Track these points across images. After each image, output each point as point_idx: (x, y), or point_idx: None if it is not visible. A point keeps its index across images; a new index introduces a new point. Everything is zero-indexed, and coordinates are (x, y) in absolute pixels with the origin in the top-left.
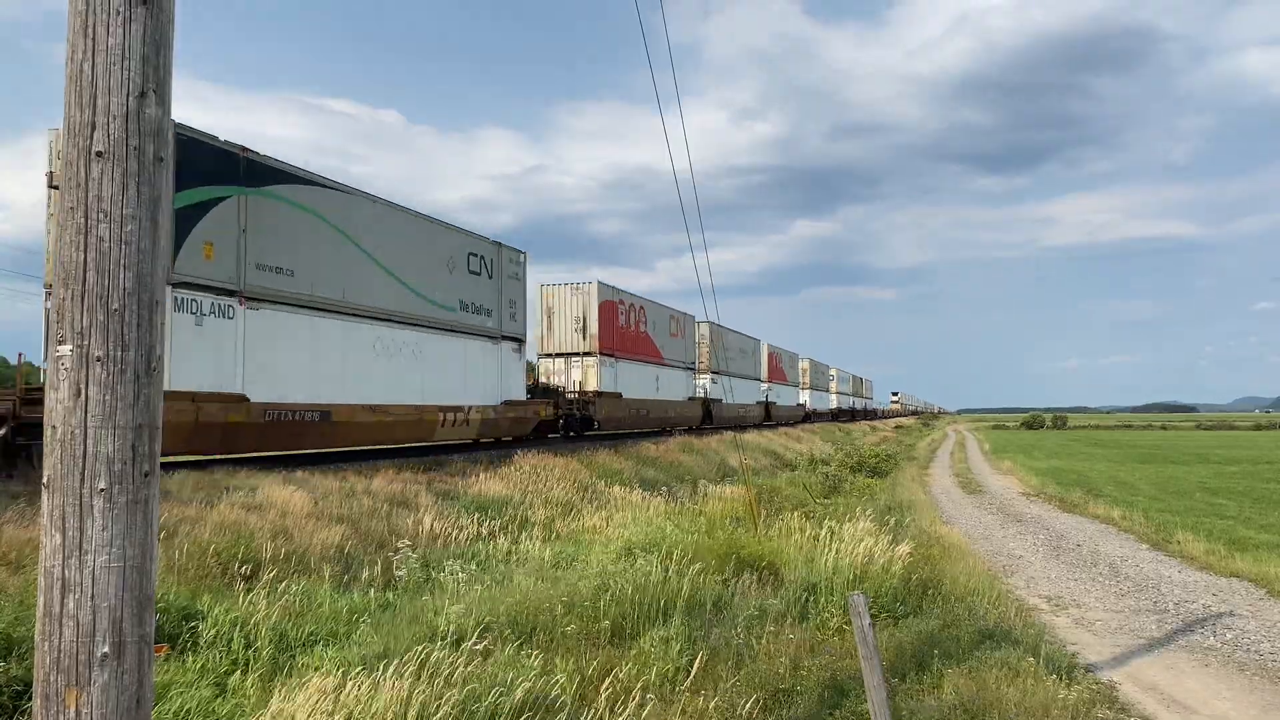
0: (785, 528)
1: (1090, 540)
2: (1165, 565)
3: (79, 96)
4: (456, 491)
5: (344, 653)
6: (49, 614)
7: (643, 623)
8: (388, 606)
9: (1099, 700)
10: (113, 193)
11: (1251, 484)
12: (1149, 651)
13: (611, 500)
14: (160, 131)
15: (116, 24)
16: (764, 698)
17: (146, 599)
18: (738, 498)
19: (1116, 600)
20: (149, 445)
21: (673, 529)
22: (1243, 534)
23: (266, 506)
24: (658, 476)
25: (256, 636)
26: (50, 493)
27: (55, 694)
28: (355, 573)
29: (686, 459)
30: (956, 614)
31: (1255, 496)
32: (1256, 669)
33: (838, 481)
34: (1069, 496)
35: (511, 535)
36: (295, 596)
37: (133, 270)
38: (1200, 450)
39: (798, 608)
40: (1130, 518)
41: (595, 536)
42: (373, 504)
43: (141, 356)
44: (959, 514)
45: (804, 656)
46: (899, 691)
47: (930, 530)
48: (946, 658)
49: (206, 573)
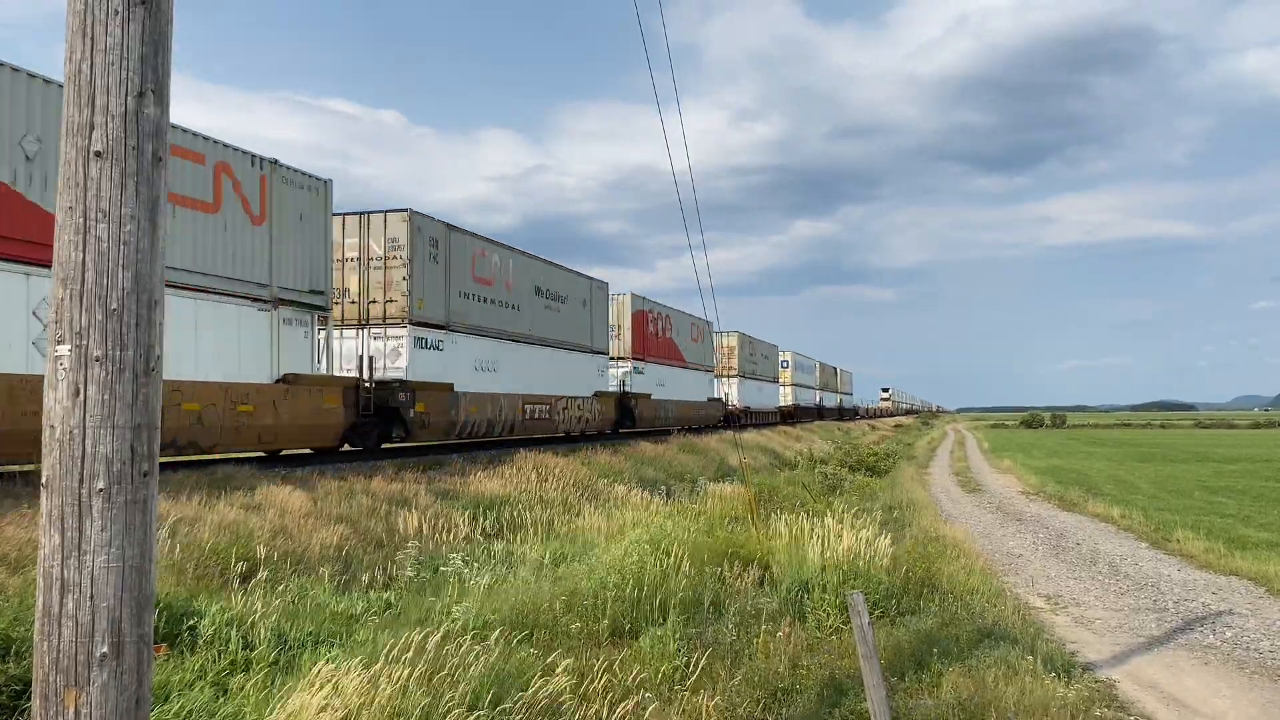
0: (776, 529)
1: (1089, 539)
2: (1164, 564)
3: (78, 96)
4: (456, 491)
5: (347, 652)
6: (48, 614)
7: (642, 621)
8: (389, 607)
9: (1098, 699)
10: (111, 192)
11: (1251, 482)
12: (1148, 650)
13: (612, 499)
14: (159, 131)
15: (115, 24)
16: (763, 697)
17: (145, 599)
18: (737, 497)
19: (1116, 599)
20: (148, 445)
21: (673, 527)
22: (1242, 532)
23: (266, 506)
24: (657, 475)
25: (255, 636)
26: (49, 492)
27: (54, 694)
28: (354, 573)
29: (685, 458)
30: (955, 613)
31: (1254, 495)
32: (1256, 667)
33: (837, 481)
34: (1068, 495)
35: (511, 534)
36: (294, 596)
37: (131, 270)
38: (1199, 449)
39: (794, 607)
40: (1129, 516)
41: (595, 536)
42: (372, 503)
43: (140, 356)
44: (958, 512)
45: (802, 655)
46: (898, 690)
47: (930, 529)
48: (945, 656)
49: (205, 572)
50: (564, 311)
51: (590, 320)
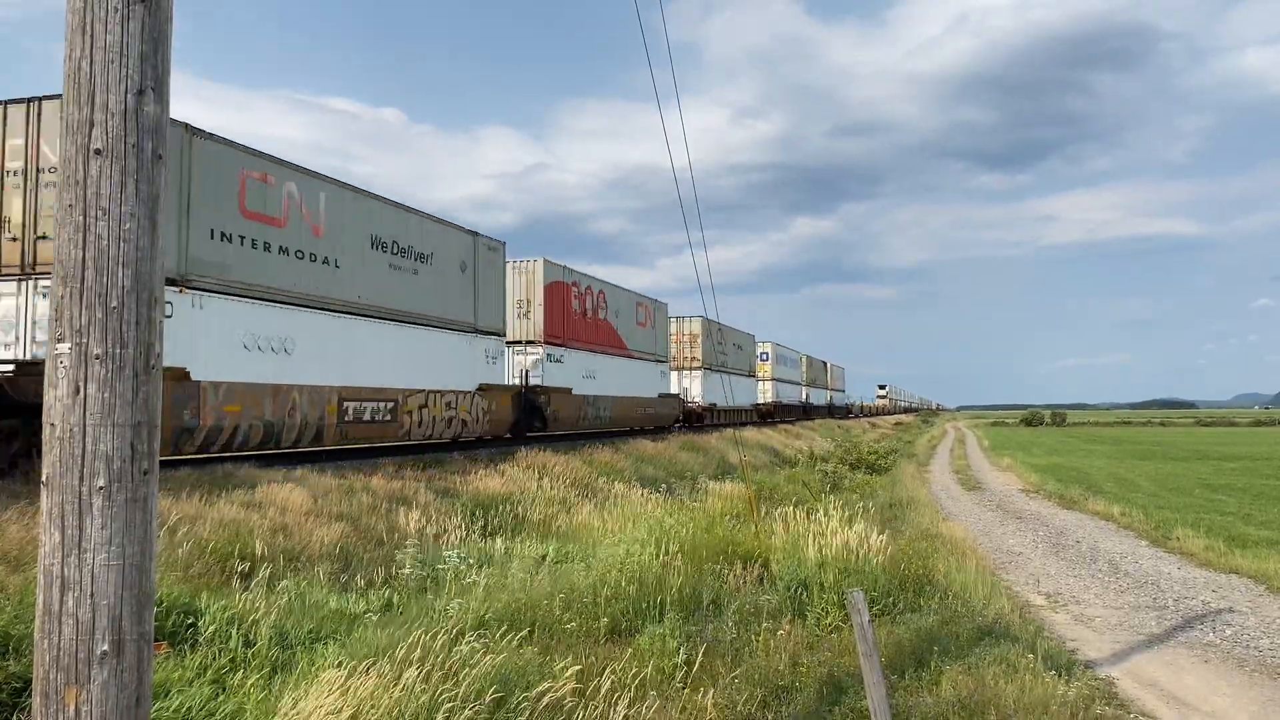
0: (774, 527)
1: (1089, 537)
2: (1164, 562)
3: (77, 94)
4: (456, 489)
5: (347, 650)
6: (48, 612)
7: (641, 619)
8: (390, 606)
9: (1098, 697)
10: (111, 190)
11: (1251, 480)
12: (1148, 648)
13: (611, 497)
14: (159, 128)
15: (115, 21)
16: (763, 694)
17: (146, 597)
18: (738, 495)
19: (1116, 597)
20: (148, 443)
21: (673, 524)
22: (1242, 530)
23: (266, 504)
24: (657, 474)
25: (256, 634)
26: (49, 490)
27: (55, 692)
28: (354, 570)
29: (686, 456)
30: (955, 611)
31: (1255, 493)
32: (1256, 665)
33: (837, 479)
34: (1068, 493)
35: (510, 533)
36: (293, 594)
37: (131, 268)
38: (1199, 447)
39: (793, 604)
40: (1129, 514)
41: (595, 534)
42: (372, 501)
43: (140, 354)
44: (959, 510)
45: (803, 653)
46: (898, 688)
47: (930, 527)
48: (945, 654)
49: (206, 570)
50: (425, 275)
51: (475, 290)
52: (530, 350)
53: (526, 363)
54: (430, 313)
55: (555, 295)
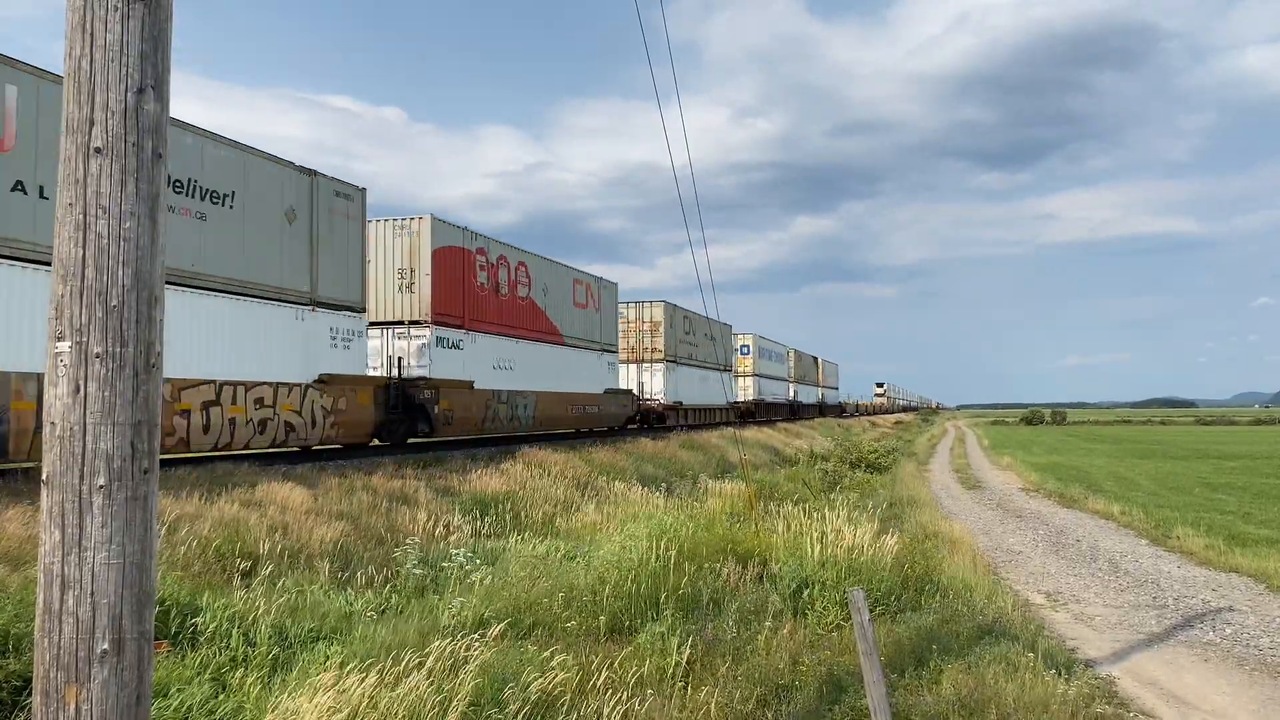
0: (774, 525)
1: (1089, 536)
2: (1164, 560)
3: (77, 93)
4: (456, 488)
5: (347, 649)
6: (49, 611)
7: (640, 618)
8: (390, 605)
9: (1098, 695)
10: (111, 189)
11: (1251, 479)
12: (1148, 647)
13: (612, 497)
14: (159, 127)
15: (115, 20)
16: (764, 693)
17: (146, 595)
18: (738, 493)
19: (1116, 595)
20: (148, 442)
21: (672, 523)
22: (1242, 529)
23: (266, 503)
24: (657, 472)
25: (257, 633)
26: (49, 489)
27: (55, 691)
28: (355, 569)
29: (687, 455)
30: (955, 609)
31: (1255, 492)
32: (1256, 664)
33: (837, 477)
34: (1068, 492)
35: (510, 531)
36: (293, 593)
37: (131, 267)
38: (1200, 446)
39: (793, 603)
40: (1129, 513)
41: (595, 533)
42: (372, 500)
43: (140, 353)
44: (959, 509)
45: (803, 652)
46: (898, 687)
47: (930, 525)
48: (945, 653)
49: (206, 569)
50: (220, 222)
51: (314, 248)
52: (414, 333)
53: (408, 348)
54: (229, 275)
55: (450, 264)
